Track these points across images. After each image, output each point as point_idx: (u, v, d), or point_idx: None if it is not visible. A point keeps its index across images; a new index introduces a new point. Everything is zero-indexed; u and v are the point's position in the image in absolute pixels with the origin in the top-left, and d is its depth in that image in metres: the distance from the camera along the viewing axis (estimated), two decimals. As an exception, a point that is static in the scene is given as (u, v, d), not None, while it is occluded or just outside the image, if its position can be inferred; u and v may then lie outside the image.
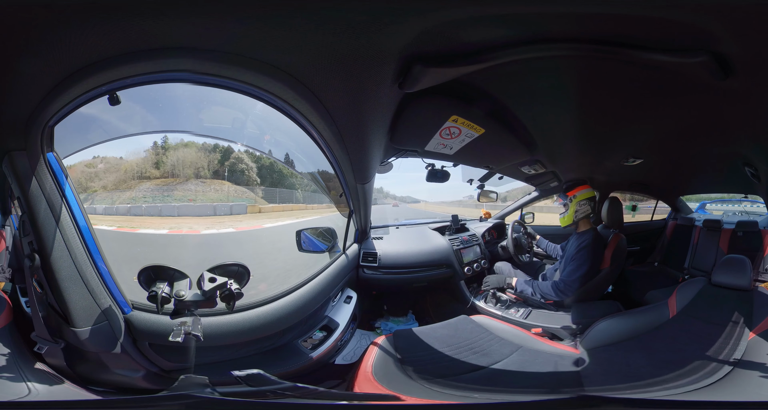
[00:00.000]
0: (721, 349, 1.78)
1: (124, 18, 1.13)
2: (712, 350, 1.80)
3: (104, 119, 1.99)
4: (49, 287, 1.62)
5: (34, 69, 1.24)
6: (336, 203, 2.87)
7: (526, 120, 2.35)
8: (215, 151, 11.43)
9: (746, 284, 2.06)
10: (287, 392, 1.31)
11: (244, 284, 1.65)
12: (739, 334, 1.83)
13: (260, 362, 1.98)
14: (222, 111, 2.51)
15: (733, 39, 1.23)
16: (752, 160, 2.45)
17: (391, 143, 2.38)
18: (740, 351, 1.74)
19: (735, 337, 1.82)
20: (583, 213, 2.84)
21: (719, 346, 1.81)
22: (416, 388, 1.68)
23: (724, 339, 1.84)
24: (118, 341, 1.69)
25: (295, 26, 1.21)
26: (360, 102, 1.66)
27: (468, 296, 3.10)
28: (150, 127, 2.89)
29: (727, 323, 1.91)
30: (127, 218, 10.22)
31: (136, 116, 2.19)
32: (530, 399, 1.61)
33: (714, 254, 3.47)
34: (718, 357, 1.74)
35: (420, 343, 2.08)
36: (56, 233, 1.54)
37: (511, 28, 1.35)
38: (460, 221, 3.54)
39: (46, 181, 1.51)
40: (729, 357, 1.72)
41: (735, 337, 1.82)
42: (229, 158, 11.32)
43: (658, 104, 1.97)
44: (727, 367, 1.66)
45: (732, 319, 1.93)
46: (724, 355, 1.74)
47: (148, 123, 2.54)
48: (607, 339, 2.13)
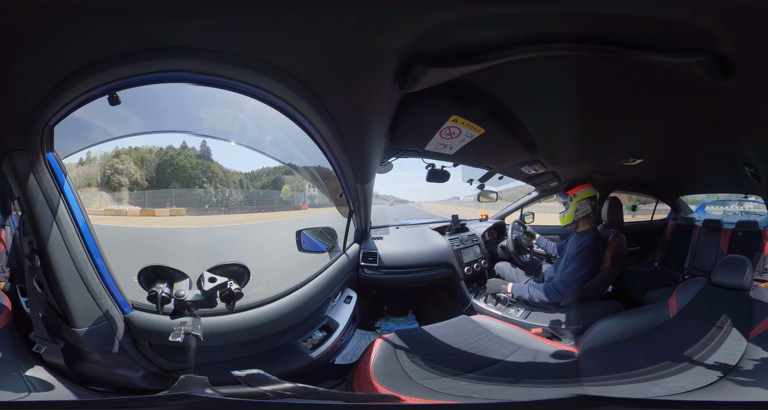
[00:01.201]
0: (721, 349, 1.78)
1: (124, 18, 1.13)
2: (712, 350, 1.80)
3: (104, 119, 1.99)
4: (49, 287, 1.62)
5: (34, 69, 1.23)
6: (336, 203, 2.87)
7: (526, 120, 2.35)
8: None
9: (746, 284, 2.06)
10: (287, 392, 1.31)
11: (244, 284, 1.65)
12: (739, 334, 1.83)
13: (260, 362, 1.98)
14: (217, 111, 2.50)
15: (733, 39, 1.23)
16: (752, 160, 2.45)
17: (391, 143, 2.38)
18: (740, 351, 1.73)
19: (735, 337, 1.82)
20: (584, 213, 2.84)
21: (719, 346, 1.81)
22: (416, 388, 1.68)
23: (724, 338, 1.83)
24: (117, 341, 1.69)
25: (295, 26, 1.21)
26: (360, 102, 1.66)
27: (468, 296, 3.10)
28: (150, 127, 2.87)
29: (727, 323, 1.91)
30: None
31: (136, 116, 2.19)
32: (530, 399, 1.61)
33: (714, 254, 3.47)
34: (718, 356, 1.74)
35: (420, 343, 2.08)
36: (56, 233, 1.54)
37: (511, 28, 1.35)
38: (460, 221, 3.54)
39: (45, 181, 1.51)
40: (729, 356, 1.72)
41: (735, 337, 1.82)
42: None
43: (658, 103, 1.97)
44: (727, 367, 1.66)
45: (732, 319, 1.93)
46: (724, 355, 1.74)
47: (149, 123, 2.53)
48: (607, 339, 2.13)
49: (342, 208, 2.75)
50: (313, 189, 8.44)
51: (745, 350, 1.73)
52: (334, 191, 2.59)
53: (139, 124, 2.47)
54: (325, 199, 4.64)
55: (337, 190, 2.50)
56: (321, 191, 4.21)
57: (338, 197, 2.59)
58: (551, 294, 2.76)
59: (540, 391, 1.75)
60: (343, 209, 2.74)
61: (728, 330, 1.87)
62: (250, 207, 9.22)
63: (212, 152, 7.92)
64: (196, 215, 8.60)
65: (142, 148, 8.16)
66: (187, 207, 8.62)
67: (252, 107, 1.67)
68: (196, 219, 8.49)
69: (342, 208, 2.75)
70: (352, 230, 2.81)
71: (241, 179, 8.95)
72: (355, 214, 2.72)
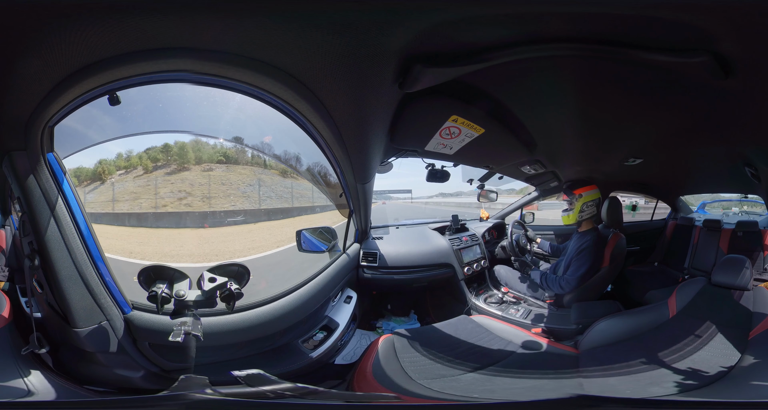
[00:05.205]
0: (721, 349, 1.78)
1: (124, 18, 1.13)
2: (711, 350, 1.80)
3: (104, 119, 1.99)
4: (49, 287, 1.62)
5: (34, 69, 1.24)
6: (336, 204, 2.87)
7: (526, 120, 2.35)
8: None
9: (746, 284, 2.06)
10: (287, 392, 1.31)
11: (244, 284, 1.65)
12: (738, 334, 1.83)
13: (260, 362, 1.98)
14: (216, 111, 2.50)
15: (733, 39, 1.23)
16: (752, 160, 2.45)
17: (391, 143, 2.38)
18: (740, 351, 1.73)
19: (735, 337, 1.82)
20: (589, 214, 2.86)
21: (719, 346, 1.81)
22: (416, 388, 1.68)
23: (723, 338, 1.83)
24: (117, 341, 1.69)
25: (295, 26, 1.21)
26: (360, 102, 1.66)
27: (468, 296, 3.10)
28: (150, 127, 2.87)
29: (727, 323, 1.91)
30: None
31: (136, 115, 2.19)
32: (530, 398, 1.61)
33: (714, 254, 3.47)
34: (717, 356, 1.74)
35: (420, 343, 2.08)
36: (56, 233, 1.54)
37: (511, 28, 1.35)
38: (460, 221, 3.54)
39: (46, 181, 1.51)
40: (729, 356, 1.72)
41: (735, 337, 1.82)
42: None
43: (658, 103, 1.97)
44: (727, 367, 1.66)
45: (732, 319, 1.93)
46: (724, 355, 1.74)
47: (149, 123, 2.53)
48: (607, 338, 2.13)
49: (342, 209, 2.75)
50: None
51: (745, 350, 1.73)
52: (334, 191, 2.59)
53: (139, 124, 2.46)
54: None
55: (338, 190, 2.50)
56: (321, 191, 4.17)
57: (338, 197, 2.59)
58: (554, 284, 2.85)
59: (540, 391, 1.75)
60: (343, 210, 2.75)
61: (728, 330, 1.87)
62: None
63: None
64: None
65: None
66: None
67: (252, 107, 1.67)
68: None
69: (342, 209, 2.75)
70: (352, 229, 2.81)
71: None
72: (355, 214, 2.72)
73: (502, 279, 3.29)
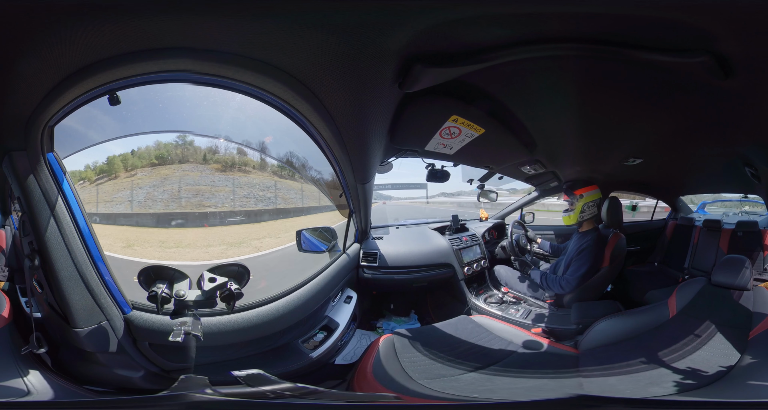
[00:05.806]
0: (721, 349, 1.78)
1: (124, 18, 1.13)
2: (711, 350, 1.80)
3: (104, 119, 1.99)
4: (49, 287, 1.62)
5: (34, 69, 1.23)
6: (336, 204, 2.87)
7: (526, 120, 2.35)
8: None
9: (746, 284, 2.06)
10: (287, 392, 1.31)
11: (244, 284, 1.65)
12: (738, 334, 1.83)
13: (260, 362, 1.98)
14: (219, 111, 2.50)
15: (733, 39, 1.23)
16: (752, 160, 2.45)
17: (391, 143, 2.38)
18: (740, 351, 1.73)
19: (735, 337, 1.82)
20: (590, 215, 2.86)
21: (719, 346, 1.81)
22: (416, 388, 1.68)
23: (723, 338, 1.83)
24: (117, 341, 1.69)
25: (295, 26, 1.21)
26: (360, 102, 1.66)
27: (468, 296, 3.10)
28: (150, 127, 2.86)
29: (727, 323, 1.91)
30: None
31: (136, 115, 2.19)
32: (530, 398, 1.61)
33: (714, 254, 3.47)
34: (717, 356, 1.74)
35: (420, 343, 2.08)
36: (56, 233, 1.54)
37: (511, 28, 1.35)
38: (460, 221, 3.54)
39: (46, 181, 1.51)
40: (729, 356, 1.72)
41: (735, 337, 1.82)
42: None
43: (658, 103, 1.97)
44: (726, 367, 1.66)
45: (732, 319, 1.93)
46: (724, 355, 1.74)
47: (149, 123, 2.54)
48: (607, 338, 2.13)
49: (342, 209, 2.75)
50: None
51: (745, 350, 1.73)
52: (333, 190, 2.59)
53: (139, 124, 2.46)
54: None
55: (338, 190, 2.50)
56: (321, 191, 4.16)
57: (338, 197, 2.59)
58: (554, 284, 2.85)
59: (540, 391, 1.75)
60: (343, 210, 2.75)
61: (728, 330, 1.87)
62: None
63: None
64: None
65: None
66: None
67: (252, 107, 1.67)
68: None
69: (342, 209, 2.75)
70: (352, 229, 2.81)
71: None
72: (355, 214, 2.72)
73: (502, 279, 3.29)
